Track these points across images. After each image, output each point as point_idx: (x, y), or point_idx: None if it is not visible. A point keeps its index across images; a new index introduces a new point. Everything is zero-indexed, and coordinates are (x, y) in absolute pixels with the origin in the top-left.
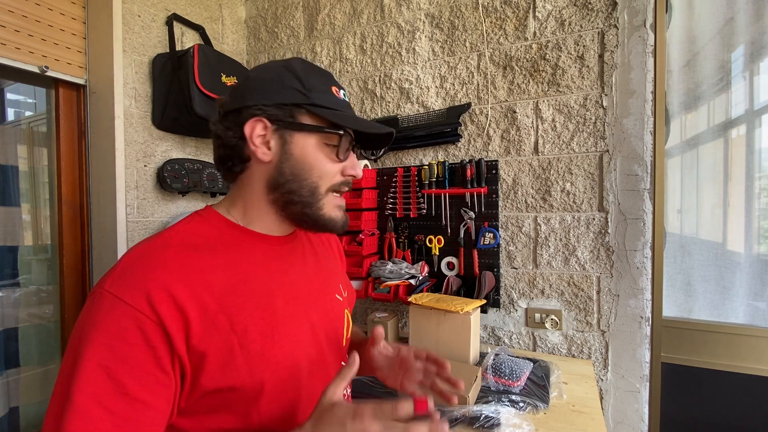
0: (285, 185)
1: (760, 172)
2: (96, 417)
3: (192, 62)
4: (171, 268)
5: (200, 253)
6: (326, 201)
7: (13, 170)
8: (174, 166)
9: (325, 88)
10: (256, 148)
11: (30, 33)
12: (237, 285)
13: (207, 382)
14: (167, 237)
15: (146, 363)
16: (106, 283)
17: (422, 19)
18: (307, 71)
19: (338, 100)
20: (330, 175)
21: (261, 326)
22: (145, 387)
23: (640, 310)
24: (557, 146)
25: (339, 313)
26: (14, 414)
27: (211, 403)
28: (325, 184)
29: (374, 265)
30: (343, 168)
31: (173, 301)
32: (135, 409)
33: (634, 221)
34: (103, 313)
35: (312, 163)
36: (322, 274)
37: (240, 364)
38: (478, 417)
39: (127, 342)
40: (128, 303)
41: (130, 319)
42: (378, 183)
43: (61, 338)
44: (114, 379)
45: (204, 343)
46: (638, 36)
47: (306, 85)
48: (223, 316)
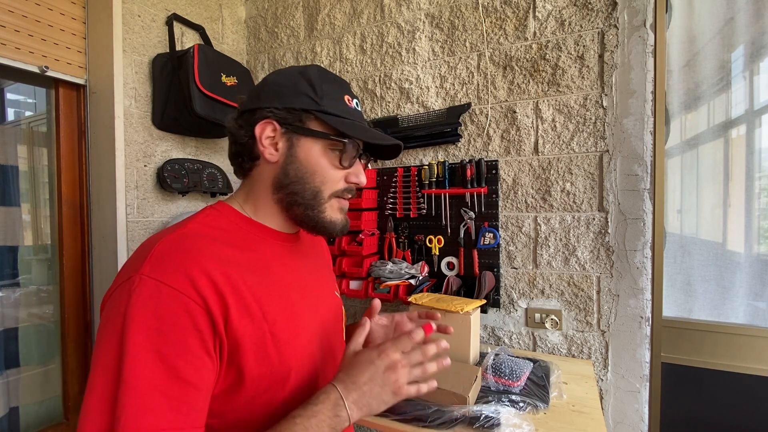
0: (289, 186)
1: (760, 172)
2: (154, 400)
3: (192, 62)
4: (205, 255)
5: (224, 245)
6: (328, 205)
7: (13, 170)
8: (174, 166)
9: (337, 96)
10: (264, 148)
11: (30, 33)
12: (262, 277)
13: (241, 367)
14: (191, 228)
15: (194, 346)
16: (143, 269)
17: (422, 19)
18: (321, 79)
19: (349, 109)
20: (333, 180)
21: (285, 317)
22: (195, 370)
23: (640, 310)
24: (557, 146)
25: (339, 308)
26: (14, 414)
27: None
28: (328, 189)
29: (374, 265)
30: (347, 175)
31: (213, 286)
32: (187, 393)
33: (634, 221)
34: (145, 298)
35: (315, 167)
36: (323, 272)
37: (271, 353)
38: (478, 417)
39: (176, 326)
40: (174, 287)
41: (177, 303)
42: (378, 183)
43: (61, 338)
44: (167, 362)
45: (240, 330)
46: (638, 36)
47: (318, 92)
48: (256, 304)
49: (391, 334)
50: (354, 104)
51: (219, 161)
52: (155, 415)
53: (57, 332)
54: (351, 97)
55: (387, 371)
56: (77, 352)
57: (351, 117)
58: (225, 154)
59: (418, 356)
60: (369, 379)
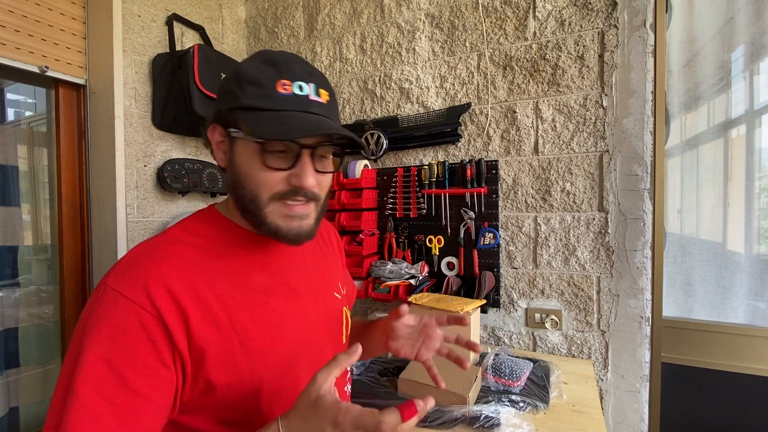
0: (235, 191)
1: (760, 172)
2: (98, 409)
3: (192, 62)
4: (172, 264)
5: (201, 252)
6: (269, 211)
7: (13, 170)
8: (174, 166)
9: (266, 83)
10: (216, 153)
11: (30, 33)
12: (238, 284)
13: (207, 378)
14: (169, 235)
15: (147, 357)
16: (108, 279)
17: (422, 19)
18: (253, 66)
19: (280, 97)
20: (269, 183)
21: (260, 324)
22: (147, 380)
23: (640, 310)
24: (557, 146)
25: (338, 312)
26: (14, 414)
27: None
28: (265, 193)
29: (374, 265)
30: (288, 176)
31: (172, 297)
32: (136, 402)
33: (634, 221)
34: (105, 308)
35: (247, 171)
36: (321, 273)
37: (240, 362)
38: (478, 417)
39: (128, 336)
40: (129, 298)
41: (131, 314)
42: (378, 183)
43: (61, 338)
44: (116, 372)
45: (204, 339)
46: (638, 36)
47: (242, 86)
48: (224, 313)
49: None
50: (294, 89)
51: None
52: (98, 422)
53: (57, 332)
54: (291, 81)
55: None
56: None
57: (280, 107)
58: None
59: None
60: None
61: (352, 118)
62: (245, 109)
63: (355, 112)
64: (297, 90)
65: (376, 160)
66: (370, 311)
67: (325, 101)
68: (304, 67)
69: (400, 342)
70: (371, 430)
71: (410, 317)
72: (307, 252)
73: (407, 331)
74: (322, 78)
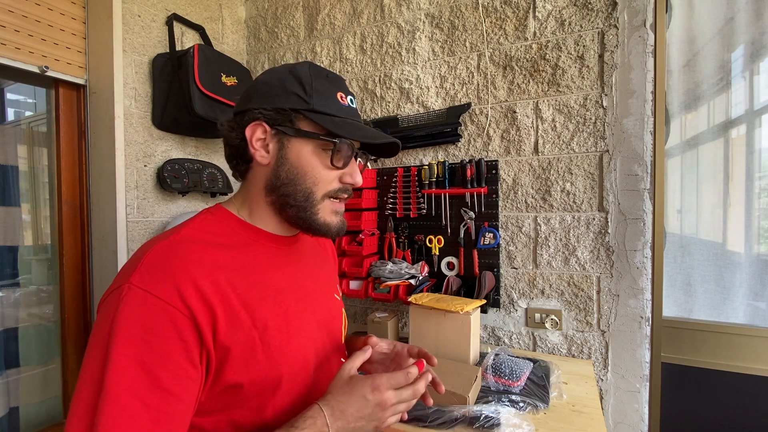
0: (281, 188)
1: (760, 172)
2: (133, 409)
3: (192, 62)
4: (196, 263)
5: (218, 250)
6: (322, 206)
7: (13, 170)
8: (174, 166)
9: (329, 94)
10: (255, 150)
11: (30, 33)
12: (254, 282)
13: (230, 376)
14: (186, 234)
15: (178, 357)
16: (132, 278)
17: (422, 19)
18: (312, 76)
19: (342, 107)
20: (326, 181)
21: (278, 322)
22: (178, 381)
23: (640, 310)
24: (557, 146)
25: (338, 312)
26: (14, 414)
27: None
28: (321, 190)
29: (374, 265)
30: (341, 175)
31: (201, 296)
32: (168, 402)
33: (634, 221)
34: (132, 307)
35: (306, 169)
36: (323, 275)
37: (261, 359)
38: (478, 417)
39: (160, 336)
40: (160, 297)
41: (163, 314)
42: (378, 183)
43: (61, 338)
44: (149, 372)
45: (229, 338)
46: (638, 36)
47: (307, 91)
48: (245, 311)
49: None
50: (348, 101)
51: (219, 161)
52: (133, 423)
53: (57, 332)
54: (345, 94)
55: (377, 408)
56: (77, 352)
57: (344, 115)
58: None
59: (410, 394)
60: (357, 411)
61: None
62: (316, 113)
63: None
64: (350, 103)
65: (376, 160)
66: (370, 311)
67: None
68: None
69: (373, 366)
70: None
71: (382, 345)
72: (310, 255)
73: (380, 357)
74: None
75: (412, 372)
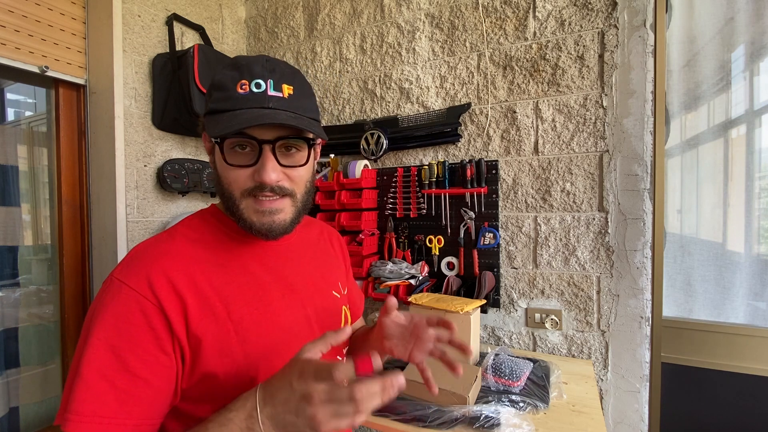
0: (218, 191)
1: (760, 172)
2: (100, 389)
3: (192, 62)
4: (172, 257)
5: (200, 247)
6: (244, 206)
7: (13, 170)
8: (174, 166)
9: (227, 86)
10: (209, 157)
11: (30, 33)
12: (234, 276)
13: (204, 366)
14: (172, 231)
15: (147, 343)
16: (115, 272)
17: (422, 19)
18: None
19: (238, 97)
20: (238, 181)
21: (256, 316)
22: (146, 365)
23: (640, 310)
24: (557, 146)
25: (336, 309)
26: (14, 414)
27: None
28: (236, 189)
29: (374, 265)
30: (253, 172)
31: (172, 287)
32: (136, 385)
33: (634, 221)
34: (110, 297)
35: (219, 171)
36: (320, 271)
37: (236, 351)
38: (478, 417)
39: (130, 323)
40: (132, 287)
41: (134, 302)
42: (378, 183)
43: (61, 338)
44: (118, 356)
45: (201, 328)
46: (638, 36)
47: (211, 92)
48: (221, 304)
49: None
50: (251, 87)
51: None
52: (99, 402)
53: (57, 332)
54: (250, 80)
55: (302, 401)
56: None
57: (238, 106)
58: None
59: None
60: (284, 400)
61: (352, 118)
62: (209, 114)
63: (355, 112)
64: (254, 88)
65: (376, 160)
66: (370, 311)
67: (287, 95)
68: (267, 65)
69: (393, 341)
70: (326, 377)
71: (400, 316)
72: (305, 249)
73: (398, 330)
74: (289, 74)
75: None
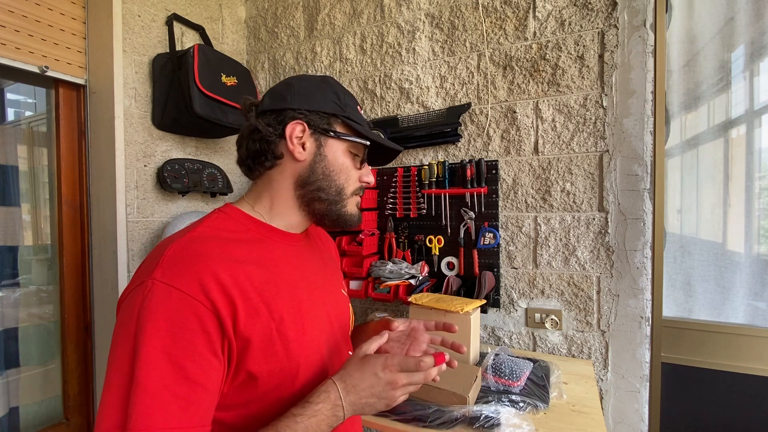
0: (315, 183)
1: (760, 172)
2: (164, 399)
3: (192, 62)
4: (215, 257)
5: (234, 245)
6: (349, 200)
7: (13, 170)
8: (174, 166)
9: (354, 105)
10: (294, 147)
11: (30, 33)
12: (270, 277)
13: (249, 367)
14: (201, 231)
15: (202, 348)
16: (155, 273)
17: (422, 19)
18: (340, 89)
19: (362, 118)
20: (353, 179)
21: (293, 315)
22: (203, 371)
23: (640, 310)
24: (557, 146)
25: (346, 306)
26: (14, 414)
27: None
28: (350, 186)
29: (374, 265)
30: (359, 175)
31: (222, 289)
32: (196, 392)
33: (634, 221)
34: (157, 302)
35: (341, 166)
36: (331, 271)
37: (279, 350)
38: (478, 417)
39: (185, 328)
40: (183, 291)
41: (186, 306)
42: (378, 183)
43: (61, 338)
44: (176, 363)
45: (248, 329)
46: (638, 36)
47: (342, 100)
48: (263, 304)
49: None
50: (362, 113)
51: (219, 161)
52: (164, 413)
53: (57, 332)
54: (360, 107)
55: (387, 386)
56: (77, 352)
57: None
58: (225, 155)
59: (421, 378)
60: (369, 387)
61: None
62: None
63: None
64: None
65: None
66: (370, 311)
67: None
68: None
69: (389, 344)
70: (413, 367)
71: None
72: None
73: (396, 334)
74: None
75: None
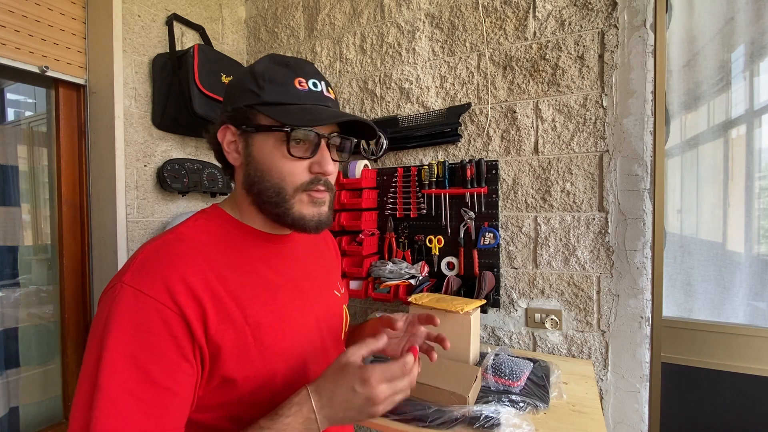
0: (254, 186)
1: (760, 172)
2: (125, 404)
3: (192, 62)
4: (186, 261)
5: (211, 249)
6: (296, 200)
7: (13, 170)
8: (174, 166)
9: (284, 81)
10: (228, 153)
11: (30, 33)
12: (248, 280)
13: (223, 372)
14: (178, 233)
15: (169, 352)
16: (125, 277)
17: (422, 19)
18: (268, 67)
19: (299, 93)
20: (293, 174)
21: (271, 319)
22: (170, 375)
23: (640, 310)
24: (557, 146)
25: (338, 309)
26: (14, 414)
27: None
28: (290, 183)
29: (374, 265)
30: (310, 165)
31: (191, 293)
32: (161, 397)
33: (634, 221)
34: (125, 306)
35: (270, 164)
36: (323, 271)
37: (254, 356)
38: (478, 417)
39: (150, 332)
40: (149, 295)
41: (152, 311)
42: (378, 183)
43: (61, 338)
44: (140, 367)
45: (220, 334)
46: (638, 36)
47: (260, 84)
48: (237, 309)
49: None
50: (309, 85)
51: None
52: (125, 418)
53: (57, 332)
54: (306, 79)
55: (367, 402)
56: (77, 352)
57: (301, 101)
58: None
59: (406, 385)
60: (344, 402)
61: None
62: (268, 105)
63: (355, 112)
64: (312, 86)
65: (376, 160)
66: (370, 311)
67: (334, 98)
68: (313, 68)
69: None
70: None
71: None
72: (309, 250)
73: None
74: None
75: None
